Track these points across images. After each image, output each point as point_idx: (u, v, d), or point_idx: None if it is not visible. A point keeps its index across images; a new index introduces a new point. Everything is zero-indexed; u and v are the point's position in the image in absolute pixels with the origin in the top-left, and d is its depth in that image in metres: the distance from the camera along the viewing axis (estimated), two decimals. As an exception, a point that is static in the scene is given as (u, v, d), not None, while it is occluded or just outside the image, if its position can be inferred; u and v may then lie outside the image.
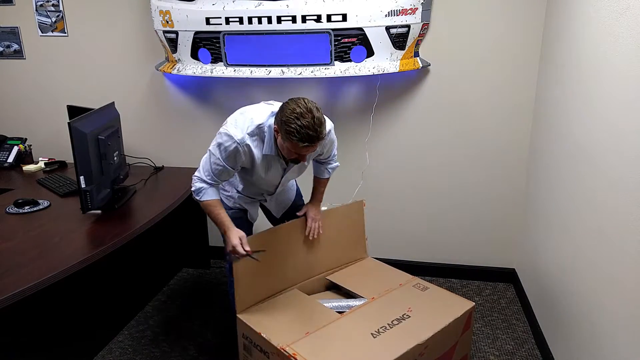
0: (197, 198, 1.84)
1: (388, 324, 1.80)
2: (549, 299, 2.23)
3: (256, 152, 1.79)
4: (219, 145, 1.75)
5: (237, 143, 1.72)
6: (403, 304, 1.93)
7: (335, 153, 2.07)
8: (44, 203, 2.31)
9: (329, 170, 2.10)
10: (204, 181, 1.81)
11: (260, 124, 1.75)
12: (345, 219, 2.25)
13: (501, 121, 2.67)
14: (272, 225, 2.19)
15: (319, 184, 2.13)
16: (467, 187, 2.82)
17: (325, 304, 1.95)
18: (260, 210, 2.21)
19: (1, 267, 1.71)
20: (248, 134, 1.74)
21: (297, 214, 2.11)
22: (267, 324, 1.81)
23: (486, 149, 2.73)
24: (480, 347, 2.36)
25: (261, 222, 2.22)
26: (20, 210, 2.23)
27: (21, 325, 1.97)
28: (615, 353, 1.53)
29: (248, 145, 1.75)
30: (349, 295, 2.09)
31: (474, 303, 1.97)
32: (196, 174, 1.84)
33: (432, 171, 2.83)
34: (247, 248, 1.78)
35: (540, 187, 2.46)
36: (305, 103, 1.64)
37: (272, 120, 1.75)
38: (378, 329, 1.77)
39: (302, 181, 2.24)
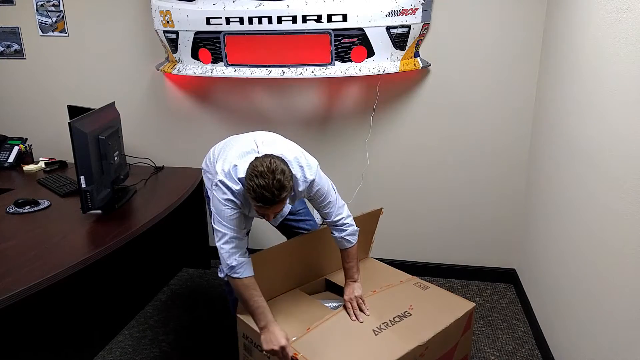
0: (236, 276, 1.68)
1: (390, 321, 1.80)
2: (549, 299, 2.23)
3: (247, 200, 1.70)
4: (219, 200, 1.67)
5: (233, 192, 1.66)
6: (405, 301, 1.93)
7: (341, 213, 1.85)
8: (44, 203, 2.31)
9: (346, 238, 1.87)
10: (235, 245, 1.68)
11: (241, 177, 1.66)
12: (360, 226, 2.22)
13: (501, 121, 2.67)
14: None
15: (344, 259, 1.90)
16: (467, 187, 2.82)
17: (325, 304, 1.94)
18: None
19: (1, 267, 1.71)
20: (238, 189, 1.66)
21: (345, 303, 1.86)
22: (267, 324, 1.80)
23: (486, 149, 2.73)
24: (481, 348, 2.36)
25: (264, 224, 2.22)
26: (21, 210, 2.23)
27: (21, 325, 1.97)
28: (616, 354, 1.53)
29: (241, 194, 1.68)
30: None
31: (475, 303, 1.96)
32: (222, 245, 1.69)
33: (432, 171, 2.83)
34: (291, 354, 1.62)
35: (540, 187, 2.46)
36: (270, 163, 1.54)
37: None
38: (380, 326, 1.77)
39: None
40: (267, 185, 1.51)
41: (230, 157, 1.73)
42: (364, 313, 1.83)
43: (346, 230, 1.87)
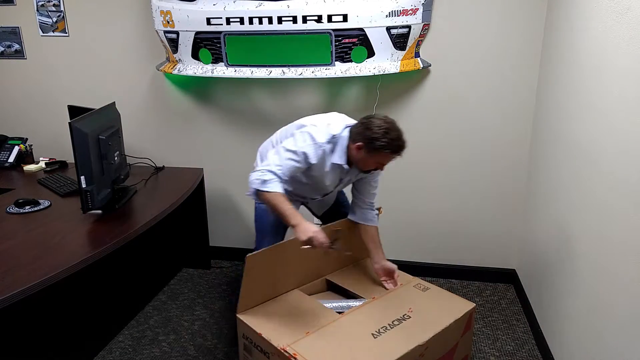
0: (264, 189, 1.75)
1: (389, 324, 1.80)
2: (550, 299, 2.22)
3: (327, 159, 1.87)
4: (299, 143, 1.82)
5: (319, 146, 1.82)
6: (404, 305, 1.93)
7: (374, 199, 2.11)
8: (44, 203, 2.31)
9: (374, 215, 2.12)
10: (274, 173, 1.77)
11: (335, 135, 1.84)
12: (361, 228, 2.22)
13: (501, 121, 2.67)
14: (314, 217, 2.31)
15: (374, 237, 2.11)
16: (467, 187, 2.82)
17: (325, 304, 1.94)
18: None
19: (2, 266, 1.71)
20: (327, 141, 1.83)
21: (382, 281, 2.08)
22: (267, 324, 1.80)
23: (486, 149, 2.73)
24: (481, 348, 2.36)
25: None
26: (21, 210, 2.23)
27: (22, 324, 1.97)
28: (616, 354, 1.53)
29: (324, 151, 1.84)
30: (349, 295, 2.09)
31: (475, 304, 1.96)
32: (262, 167, 1.80)
33: (433, 171, 2.83)
34: (326, 240, 1.73)
35: (540, 187, 2.46)
36: (386, 118, 1.78)
37: (346, 132, 1.85)
38: (379, 329, 1.77)
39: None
40: (399, 136, 1.76)
41: (326, 120, 1.89)
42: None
43: (373, 210, 2.10)
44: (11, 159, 2.99)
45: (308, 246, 1.71)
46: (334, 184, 2.01)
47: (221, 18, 2.52)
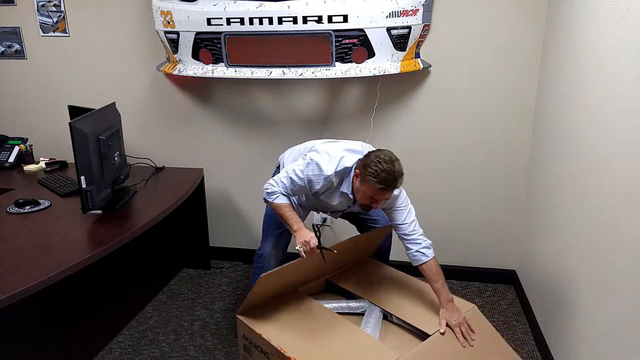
0: (270, 200, 1.91)
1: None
2: (550, 300, 2.22)
3: (336, 187, 1.92)
4: (306, 171, 1.86)
5: (325, 178, 1.84)
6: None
7: (416, 222, 1.95)
8: (44, 203, 2.32)
9: (421, 252, 1.92)
10: (280, 188, 1.91)
11: (347, 167, 1.86)
12: (371, 237, 2.21)
13: (502, 122, 2.67)
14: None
15: (431, 277, 1.90)
16: (467, 188, 2.82)
17: (325, 305, 1.95)
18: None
19: (2, 266, 1.71)
20: (336, 172, 1.84)
21: (440, 331, 1.78)
22: (267, 324, 1.81)
23: (487, 150, 2.73)
24: (481, 349, 2.36)
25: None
26: (21, 210, 2.23)
27: (21, 324, 1.97)
28: (616, 354, 1.53)
29: (332, 182, 1.87)
30: (349, 296, 2.09)
31: (475, 305, 1.96)
32: (271, 181, 1.93)
33: (433, 172, 2.83)
34: (317, 243, 1.81)
35: (540, 188, 2.46)
36: (390, 154, 1.78)
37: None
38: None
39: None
40: (390, 170, 1.71)
41: (341, 150, 1.89)
42: (469, 339, 1.78)
43: (421, 243, 1.94)
44: (11, 159, 2.99)
45: (303, 248, 1.79)
46: (342, 208, 2.05)
47: (221, 18, 2.52)
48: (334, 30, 2.44)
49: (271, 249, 2.16)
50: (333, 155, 1.86)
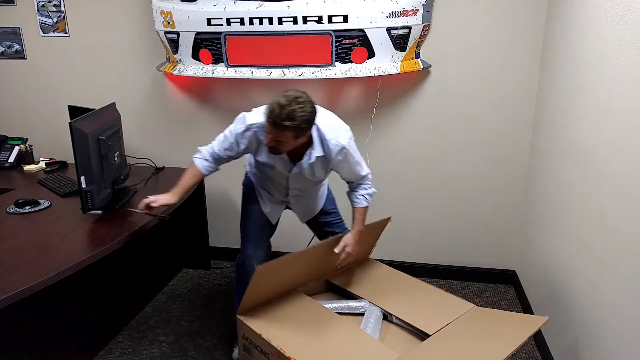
0: (192, 157, 2.00)
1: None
2: (549, 300, 2.23)
3: (262, 141, 1.90)
4: (234, 125, 1.94)
5: (247, 127, 1.88)
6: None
7: (365, 175, 1.99)
8: (44, 203, 2.32)
9: (360, 197, 2.00)
10: (208, 150, 1.98)
11: None
12: (368, 232, 2.22)
13: (502, 122, 2.67)
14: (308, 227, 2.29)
15: (355, 212, 2.03)
16: (467, 188, 2.82)
17: (325, 305, 1.94)
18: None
19: (2, 266, 1.71)
20: (261, 123, 1.84)
21: (335, 250, 1.96)
22: (267, 324, 1.81)
23: (487, 150, 2.73)
24: (481, 349, 2.36)
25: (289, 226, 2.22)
26: (21, 210, 2.23)
27: (21, 324, 1.97)
28: (616, 355, 1.53)
29: (255, 132, 1.88)
30: (349, 296, 2.09)
31: (475, 305, 1.96)
32: (210, 143, 2.00)
33: (433, 172, 2.83)
34: (155, 205, 1.93)
35: (540, 189, 2.46)
36: (296, 93, 1.69)
37: None
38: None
39: (335, 187, 2.28)
40: (283, 105, 1.64)
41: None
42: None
43: (362, 188, 2.00)
44: (11, 159, 2.99)
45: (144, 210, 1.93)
46: (283, 176, 2.02)
47: (221, 19, 2.52)
48: (334, 31, 2.45)
49: (252, 250, 2.11)
50: (263, 110, 1.80)
